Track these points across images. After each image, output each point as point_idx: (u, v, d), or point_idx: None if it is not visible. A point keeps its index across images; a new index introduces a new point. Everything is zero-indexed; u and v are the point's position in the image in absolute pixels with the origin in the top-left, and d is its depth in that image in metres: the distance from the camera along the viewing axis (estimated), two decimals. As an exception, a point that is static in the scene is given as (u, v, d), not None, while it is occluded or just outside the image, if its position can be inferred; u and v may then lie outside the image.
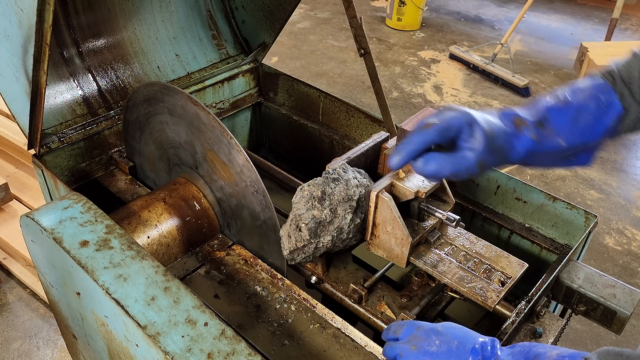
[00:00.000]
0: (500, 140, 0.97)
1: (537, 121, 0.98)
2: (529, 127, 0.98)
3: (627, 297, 1.37)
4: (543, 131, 0.97)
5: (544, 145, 0.97)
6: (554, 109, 0.98)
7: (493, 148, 0.97)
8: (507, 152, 0.98)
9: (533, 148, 0.98)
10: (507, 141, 0.98)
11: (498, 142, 0.97)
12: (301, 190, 1.29)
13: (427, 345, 0.98)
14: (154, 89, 1.49)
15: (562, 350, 0.85)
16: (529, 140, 0.97)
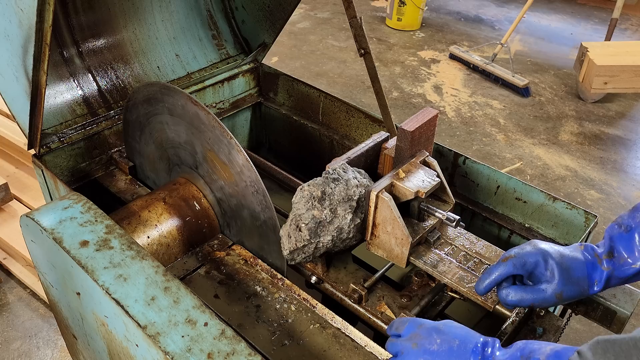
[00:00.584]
0: (578, 272, 1.09)
1: (605, 252, 1.09)
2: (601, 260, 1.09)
3: (627, 297, 1.37)
4: (613, 260, 1.08)
5: (619, 272, 1.08)
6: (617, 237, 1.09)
7: (571, 280, 1.08)
8: (585, 282, 1.09)
9: (609, 276, 1.08)
10: (585, 273, 1.09)
11: (575, 274, 1.08)
12: (301, 190, 1.29)
13: (428, 343, 0.98)
14: (154, 89, 1.49)
15: (556, 345, 0.87)
16: (603, 271, 1.08)
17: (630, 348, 0.72)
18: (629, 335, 0.73)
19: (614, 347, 0.74)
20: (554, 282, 1.08)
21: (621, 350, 0.72)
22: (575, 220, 1.54)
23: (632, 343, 0.72)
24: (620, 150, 4.11)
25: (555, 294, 1.08)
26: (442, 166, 1.64)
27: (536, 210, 1.61)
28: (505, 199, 1.67)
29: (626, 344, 0.72)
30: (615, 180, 3.77)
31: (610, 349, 0.74)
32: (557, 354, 0.83)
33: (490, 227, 1.71)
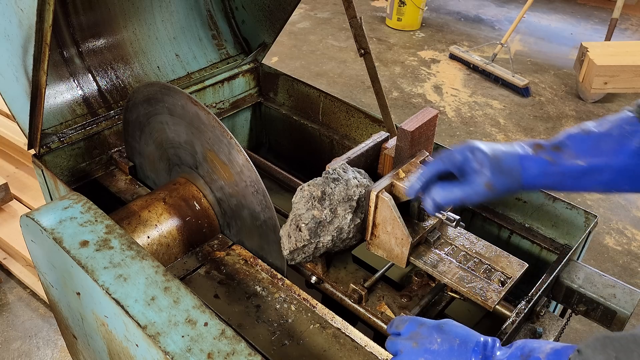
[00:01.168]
0: (509, 162, 1.02)
1: (553, 145, 1.02)
2: (545, 150, 1.02)
3: (627, 297, 1.37)
4: (560, 153, 1.00)
5: (560, 166, 1.00)
6: (574, 136, 1.01)
7: (502, 170, 1.02)
8: (518, 172, 1.02)
9: (548, 168, 1.01)
10: (519, 163, 1.02)
11: (506, 163, 1.02)
12: (301, 190, 1.29)
13: (428, 343, 0.98)
14: (154, 89, 1.49)
15: (556, 344, 0.86)
16: (544, 161, 1.01)
17: (629, 343, 0.71)
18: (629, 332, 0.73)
19: (613, 343, 0.73)
20: (483, 172, 1.03)
21: (621, 346, 0.72)
22: (575, 220, 1.54)
23: (632, 339, 0.71)
24: (620, 150, 4.10)
25: (485, 183, 1.03)
26: (442, 166, 1.63)
27: (536, 210, 1.61)
28: (505, 199, 1.67)
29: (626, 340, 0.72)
30: (615, 180, 3.76)
31: (609, 345, 0.73)
32: (556, 352, 0.83)
33: (490, 227, 1.71)
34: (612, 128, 0.99)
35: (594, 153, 0.98)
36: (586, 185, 1.02)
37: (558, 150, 1.01)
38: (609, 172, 0.98)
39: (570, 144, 1.01)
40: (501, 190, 1.03)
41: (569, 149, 1.00)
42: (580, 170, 0.99)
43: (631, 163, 0.97)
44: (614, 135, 0.98)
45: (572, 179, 1.01)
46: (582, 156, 0.99)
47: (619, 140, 0.97)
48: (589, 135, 1.00)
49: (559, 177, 1.02)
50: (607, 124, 1.00)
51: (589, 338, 0.78)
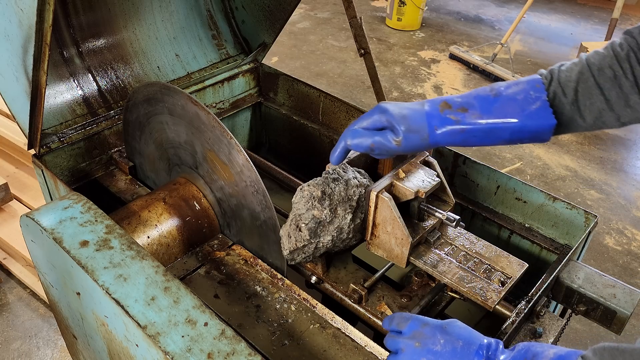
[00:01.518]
0: (416, 120, 1.08)
1: (461, 106, 1.07)
2: (452, 109, 1.07)
3: (627, 297, 1.37)
4: (465, 114, 1.06)
5: (464, 124, 1.06)
6: (482, 97, 1.07)
7: (409, 128, 1.08)
8: (425, 131, 1.08)
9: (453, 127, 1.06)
10: (425, 121, 1.08)
11: (414, 122, 1.08)
12: (301, 190, 1.29)
13: (431, 343, 0.98)
14: (154, 89, 1.49)
15: (559, 349, 0.86)
16: (449, 120, 1.06)
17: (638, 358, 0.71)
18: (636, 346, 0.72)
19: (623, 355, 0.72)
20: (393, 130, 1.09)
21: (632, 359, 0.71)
22: (575, 220, 1.54)
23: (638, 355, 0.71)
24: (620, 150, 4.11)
25: (395, 139, 1.09)
26: (442, 166, 1.64)
27: (536, 210, 1.61)
28: (505, 199, 1.67)
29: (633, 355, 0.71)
30: (615, 180, 3.77)
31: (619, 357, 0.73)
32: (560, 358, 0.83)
33: (490, 227, 1.71)
34: (519, 92, 1.05)
35: (496, 115, 1.05)
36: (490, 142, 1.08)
37: (464, 111, 1.07)
38: (509, 132, 1.05)
39: (477, 105, 1.06)
40: (409, 147, 1.09)
41: (475, 109, 1.06)
42: (482, 130, 1.05)
43: (529, 124, 1.03)
44: (518, 100, 1.04)
45: (476, 137, 1.07)
46: (485, 117, 1.05)
47: (521, 105, 1.04)
48: (495, 98, 1.06)
49: (463, 135, 1.07)
50: (516, 87, 1.06)
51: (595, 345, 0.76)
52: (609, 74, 0.99)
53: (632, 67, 0.97)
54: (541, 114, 1.02)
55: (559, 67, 1.06)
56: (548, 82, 1.04)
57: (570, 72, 1.03)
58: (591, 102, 1.01)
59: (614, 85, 0.99)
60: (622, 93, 0.99)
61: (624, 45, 0.99)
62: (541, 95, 1.03)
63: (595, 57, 1.02)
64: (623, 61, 0.98)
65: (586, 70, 1.02)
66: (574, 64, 1.04)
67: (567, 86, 1.02)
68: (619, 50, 0.99)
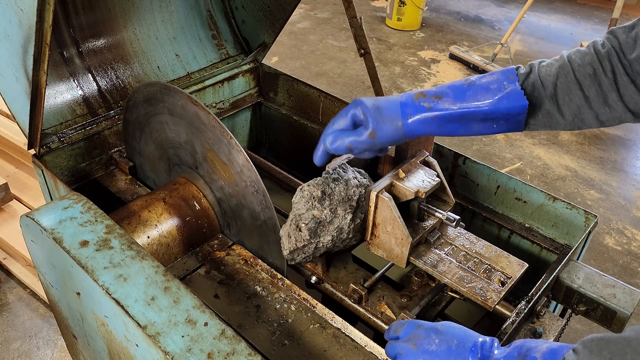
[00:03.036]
0: (390, 110, 1.10)
1: (434, 94, 1.09)
2: (425, 97, 1.09)
3: (627, 297, 1.37)
4: (438, 101, 1.08)
5: (437, 111, 1.07)
6: (456, 86, 1.09)
7: (383, 119, 1.10)
8: (398, 119, 1.09)
9: (426, 115, 1.08)
10: (398, 110, 1.10)
11: (387, 112, 1.10)
12: (301, 190, 1.29)
13: (426, 344, 0.99)
14: (154, 89, 1.49)
15: (553, 343, 0.87)
16: (422, 107, 1.08)
17: (624, 347, 0.73)
18: (622, 335, 0.75)
19: (609, 346, 0.75)
20: (367, 123, 1.11)
21: (616, 349, 0.74)
22: (575, 220, 1.54)
23: (626, 342, 0.73)
24: (620, 150, 4.11)
25: (368, 132, 1.11)
26: (442, 166, 1.64)
27: (536, 210, 1.61)
28: (505, 199, 1.67)
29: (620, 343, 0.74)
30: (615, 180, 3.77)
31: (605, 348, 0.75)
32: (552, 351, 0.84)
33: (490, 227, 1.71)
34: (492, 82, 1.07)
35: (469, 101, 1.06)
36: (465, 130, 1.09)
37: (438, 98, 1.08)
38: (481, 115, 1.06)
39: (450, 93, 1.08)
40: (385, 137, 1.11)
41: (449, 97, 1.08)
42: (455, 115, 1.07)
43: (501, 106, 1.04)
44: (491, 89, 1.06)
45: (450, 123, 1.08)
46: (457, 103, 1.07)
47: (494, 93, 1.05)
48: (469, 86, 1.08)
49: (437, 122, 1.08)
50: (490, 77, 1.08)
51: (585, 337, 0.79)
52: (588, 70, 1.00)
53: (612, 65, 0.98)
54: (513, 96, 1.03)
55: (539, 62, 1.07)
56: (526, 74, 1.05)
57: (551, 67, 1.04)
58: (570, 97, 1.02)
59: (593, 83, 1.00)
60: (601, 91, 1.00)
61: (606, 44, 1.00)
62: (514, 83, 1.04)
63: (577, 55, 1.03)
64: (603, 59, 0.99)
65: (567, 65, 1.03)
66: (554, 60, 1.05)
67: (546, 80, 1.03)
68: (600, 48, 1.00)
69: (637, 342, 0.72)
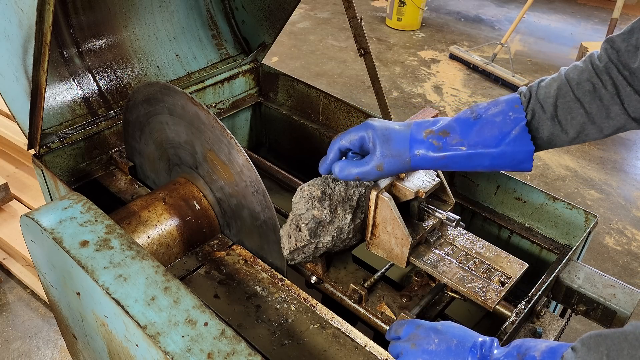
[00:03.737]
0: (399, 144, 1.10)
1: (442, 129, 1.08)
2: (434, 134, 1.08)
3: (627, 297, 1.37)
4: (447, 138, 1.07)
5: (445, 151, 1.07)
6: (463, 121, 1.07)
7: (391, 151, 1.10)
8: (405, 154, 1.10)
9: (434, 153, 1.08)
10: (407, 146, 1.10)
11: (396, 145, 1.10)
12: (301, 190, 1.29)
13: (426, 343, 0.99)
14: (154, 89, 1.49)
15: (552, 342, 0.88)
16: (431, 145, 1.08)
17: (621, 342, 0.74)
18: (618, 330, 0.75)
19: (605, 341, 0.75)
20: (375, 154, 1.11)
21: (613, 343, 0.74)
22: (575, 220, 1.54)
23: (623, 337, 0.74)
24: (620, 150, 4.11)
25: (376, 165, 1.11)
26: (442, 166, 1.64)
27: (536, 210, 1.61)
28: (505, 199, 1.67)
29: (617, 338, 0.74)
30: (615, 180, 3.77)
31: (602, 343, 0.76)
32: (551, 350, 0.85)
33: (490, 227, 1.71)
34: (497, 114, 1.05)
35: (476, 140, 1.05)
36: (470, 167, 1.08)
37: (445, 134, 1.07)
38: (489, 159, 1.05)
39: (457, 128, 1.07)
40: (392, 170, 1.12)
41: (456, 133, 1.07)
42: (462, 157, 1.06)
43: (508, 150, 1.04)
44: (497, 122, 1.04)
45: (456, 163, 1.08)
46: (465, 143, 1.06)
47: (500, 128, 1.04)
48: (475, 121, 1.06)
49: (444, 161, 1.08)
50: (495, 109, 1.06)
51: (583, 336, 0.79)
52: (587, 87, 0.99)
53: (612, 77, 0.97)
54: (519, 141, 1.03)
55: (538, 84, 1.06)
56: (527, 100, 1.04)
57: (549, 87, 1.03)
58: (572, 116, 1.01)
59: (594, 99, 0.99)
60: (603, 105, 0.99)
61: (603, 57, 0.99)
62: (520, 116, 1.03)
63: (574, 72, 1.02)
64: (602, 73, 0.98)
65: (564, 85, 1.02)
66: (552, 80, 1.04)
67: (546, 102, 1.02)
68: (597, 63, 0.99)
69: (633, 336, 0.72)
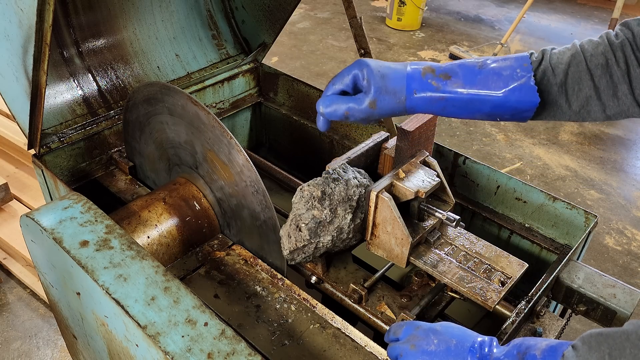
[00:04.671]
0: (395, 82, 1.03)
1: (443, 72, 1.02)
2: (434, 74, 1.02)
3: (627, 297, 1.37)
4: (448, 81, 1.02)
5: (444, 92, 1.02)
6: (467, 66, 1.03)
7: (387, 89, 1.03)
8: (402, 93, 1.03)
9: (433, 94, 1.02)
10: (404, 83, 1.03)
11: (392, 83, 1.03)
12: (301, 190, 1.29)
13: (425, 344, 0.99)
14: (154, 89, 1.49)
15: (552, 340, 0.88)
16: (430, 85, 1.02)
17: (623, 341, 0.73)
18: (620, 329, 0.75)
19: (607, 341, 0.75)
20: (369, 91, 1.04)
21: (614, 343, 0.74)
22: (575, 220, 1.54)
23: (625, 336, 0.73)
24: (620, 150, 4.11)
25: (369, 102, 1.04)
26: (442, 166, 1.64)
27: (536, 210, 1.61)
28: (505, 199, 1.67)
29: (619, 337, 0.74)
30: (615, 180, 3.77)
31: (604, 342, 0.75)
32: (551, 348, 0.84)
33: (490, 227, 1.71)
34: (505, 67, 1.01)
35: (479, 87, 1.01)
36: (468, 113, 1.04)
37: (447, 77, 1.02)
38: (490, 105, 1.01)
39: (460, 73, 1.02)
40: (385, 110, 1.05)
41: (458, 78, 1.02)
42: (462, 100, 1.02)
43: (512, 98, 1.00)
44: (503, 75, 1.01)
45: (455, 107, 1.03)
46: (467, 87, 1.01)
47: (506, 81, 1.00)
48: (481, 70, 1.02)
49: (442, 103, 1.03)
50: (504, 63, 1.02)
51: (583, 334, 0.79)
52: (601, 60, 0.98)
53: (625, 55, 0.96)
54: (525, 91, 0.99)
55: (551, 49, 1.04)
56: (538, 62, 1.02)
57: (563, 54, 1.01)
58: (580, 87, 1.00)
59: (605, 73, 0.98)
60: (612, 82, 0.98)
61: (620, 34, 0.98)
62: (528, 73, 1.00)
63: (589, 44, 1.01)
64: (617, 49, 0.97)
65: (579, 54, 1.00)
66: (566, 48, 1.02)
67: (558, 67, 1.00)
68: (614, 39, 0.98)
69: (635, 336, 0.72)
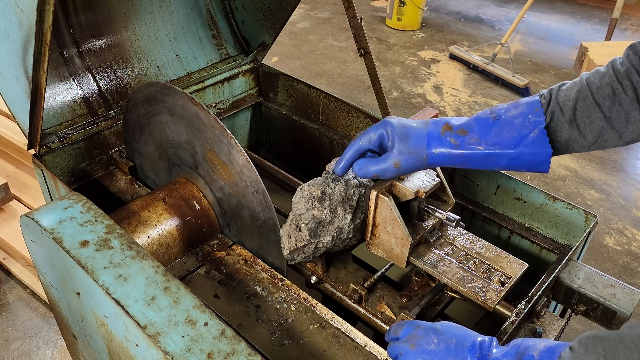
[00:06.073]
0: (416, 141, 1.11)
1: (460, 128, 1.08)
2: (452, 132, 1.08)
3: (627, 297, 1.37)
4: (465, 137, 1.07)
5: (462, 149, 1.08)
6: (482, 120, 1.08)
7: (409, 149, 1.11)
8: (423, 151, 1.11)
9: (452, 151, 1.09)
10: (424, 143, 1.10)
11: (414, 142, 1.11)
12: (301, 190, 1.29)
13: (425, 343, 0.99)
14: (154, 89, 1.49)
15: (550, 341, 0.88)
16: (449, 143, 1.09)
17: (617, 344, 0.74)
18: (616, 332, 0.76)
19: (602, 343, 0.76)
20: (393, 152, 1.12)
21: (609, 345, 0.75)
22: (575, 220, 1.54)
23: (619, 339, 0.74)
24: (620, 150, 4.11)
25: (394, 162, 1.12)
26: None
27: (536, 210, 1.61)
28: (505, 199, 1.67)
29: (614, 340, 0.75)
30: (615, 180, 3.77)
31: (600, 344, 0.76)
32: (549, 349, 0.85)
33: (490, 227, 1.71)
34: (517, 115, 1.05)
35: (495, 140, 1.06)
36: (487, 167, 1.09)
37: (464, 133, 1.08)
38: (506, 159, 1.06)
39: (476, 128, 1.08)
40: (409, 168, 1.13)
41: (474, 132, 1.07)
42: (480, 156, 1.07)
43: (526, 152, 1.04)
44: (516, 124, 1.05)
45: (473, 162, 1.09)
46: (483, 142, 1.06)
47: (519, 130, 1.04)
48: (494, 121, 1.06)
49: (461, 159, 1.09)
50: (515, 110, 1.06)
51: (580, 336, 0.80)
52: (607, 92, 1.00)
53: (632, 82, 0.98)
54: (537, 143, 1.03)
55: (559, 87, 1.06)
56: (547, 103, 1.05)
57: (569, 91, 1.04)
58: (590, 120, 1.02)
59: (614, 103, 0.99)
60: (622, 110, 0.99)
61: (625, 62, 1.00)
62: (539, 119, 1.03)
63: (595, 76, 1.03)
64: (623, 78, 0.99)
65: (585, 89, 1.02)
66: (573, 84, 1.05)
67: (565, 105, 1.03)
68: (619, 67, 1.00)
69: (629, 339, 0.73)
